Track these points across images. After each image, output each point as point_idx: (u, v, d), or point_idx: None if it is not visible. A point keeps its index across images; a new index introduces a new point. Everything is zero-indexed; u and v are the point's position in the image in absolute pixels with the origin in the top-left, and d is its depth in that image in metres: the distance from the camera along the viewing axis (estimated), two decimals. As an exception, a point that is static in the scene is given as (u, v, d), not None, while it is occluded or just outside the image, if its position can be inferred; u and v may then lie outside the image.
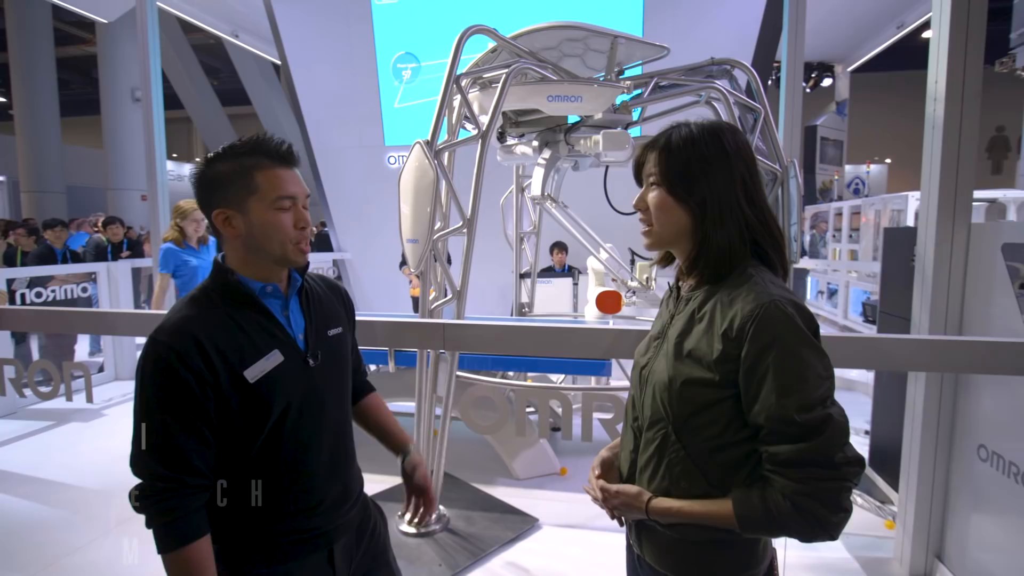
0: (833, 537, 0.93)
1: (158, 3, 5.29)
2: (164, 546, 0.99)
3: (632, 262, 3.40)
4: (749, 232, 0.99)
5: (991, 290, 2.10)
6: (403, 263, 5.22)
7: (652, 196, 1.03)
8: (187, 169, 18.60)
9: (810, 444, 0.88)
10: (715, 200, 0.98)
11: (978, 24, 2.12)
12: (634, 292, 3.28)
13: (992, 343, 1.69)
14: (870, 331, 6.15)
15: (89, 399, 2.08)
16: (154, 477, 0.99)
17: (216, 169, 1.08)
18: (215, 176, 1.08)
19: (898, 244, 3.03)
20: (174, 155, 21.45)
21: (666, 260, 1.12)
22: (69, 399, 2.12)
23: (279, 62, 6.92)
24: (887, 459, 3.09)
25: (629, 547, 1.16)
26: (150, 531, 1.00)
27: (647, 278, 3.21)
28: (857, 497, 2.96)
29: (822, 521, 0.89)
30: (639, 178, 1.08)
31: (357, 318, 1.36)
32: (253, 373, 1.04)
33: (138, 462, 1.00)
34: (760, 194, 1.02)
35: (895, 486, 2.79)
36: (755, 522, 0.93)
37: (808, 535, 0.92)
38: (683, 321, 1.01)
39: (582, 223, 3.13)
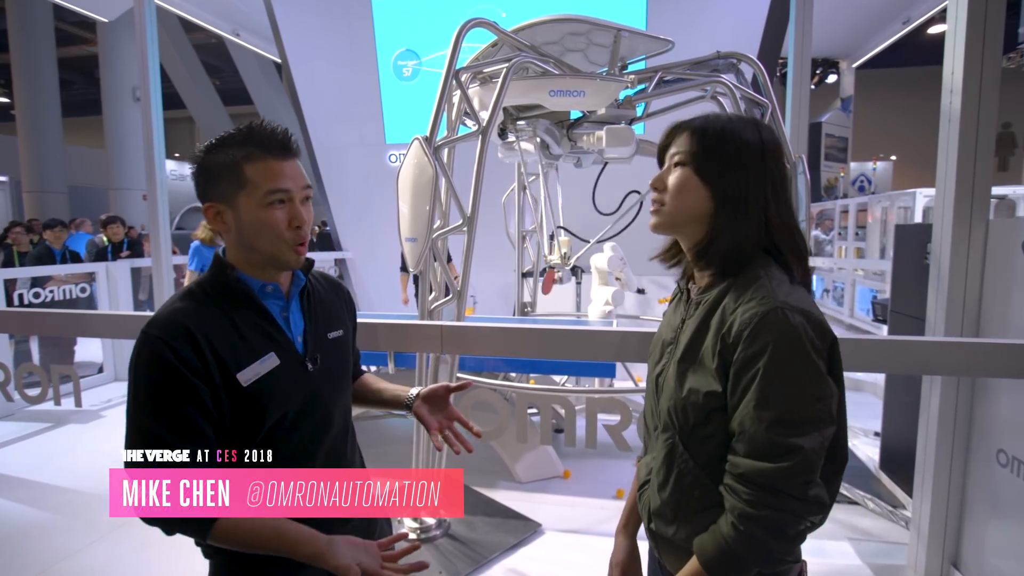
0: (778, 564, 0.91)
1: (157, 1, 5.25)
2: (200, 533, 0.94)
3: (551, 238, 3.49)
4: (769, 234, 0.95)
5: (1010, 289, 2.03)
6: (403, 267, 5.20)
7: (674, 176, 0.98)
8: (189, 168, 18.58)
9: (772, 467, 0.84)
10: (744, 191, 0.94)
11: (996, 14, 2.05)
12: (558, 268, 3.45)
13: (1013, 345, 1.62)
14: (880, 331, 6.07)
15: (78, 403, 2.03)
16: None
17: (209, 160, 1.01)
18: (208, 167, 1.02)
19: (910, 241, 2.97)
20: (176, 155, 21.44)
21: (669, 255, 1.09)
22: (57, 403, 2.06)
23: (280, 60, 6.88)
24: (899, 462, 3.02)
25: (648, 551, 1.14)
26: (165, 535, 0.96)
27: (564, 254, 3.39)
28: (868, 502, 2.89)
29: (765, 547, 0.86)
30: (662, 160, 1.04)
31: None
32: (247, 376, 0.99)
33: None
34: (788, 198, 0.98)
35: (908, 490, 2.73)
36: (716, 563, 0.89)
37: (763, 562, 0.88)
38: (694, 326, 0.97)
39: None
